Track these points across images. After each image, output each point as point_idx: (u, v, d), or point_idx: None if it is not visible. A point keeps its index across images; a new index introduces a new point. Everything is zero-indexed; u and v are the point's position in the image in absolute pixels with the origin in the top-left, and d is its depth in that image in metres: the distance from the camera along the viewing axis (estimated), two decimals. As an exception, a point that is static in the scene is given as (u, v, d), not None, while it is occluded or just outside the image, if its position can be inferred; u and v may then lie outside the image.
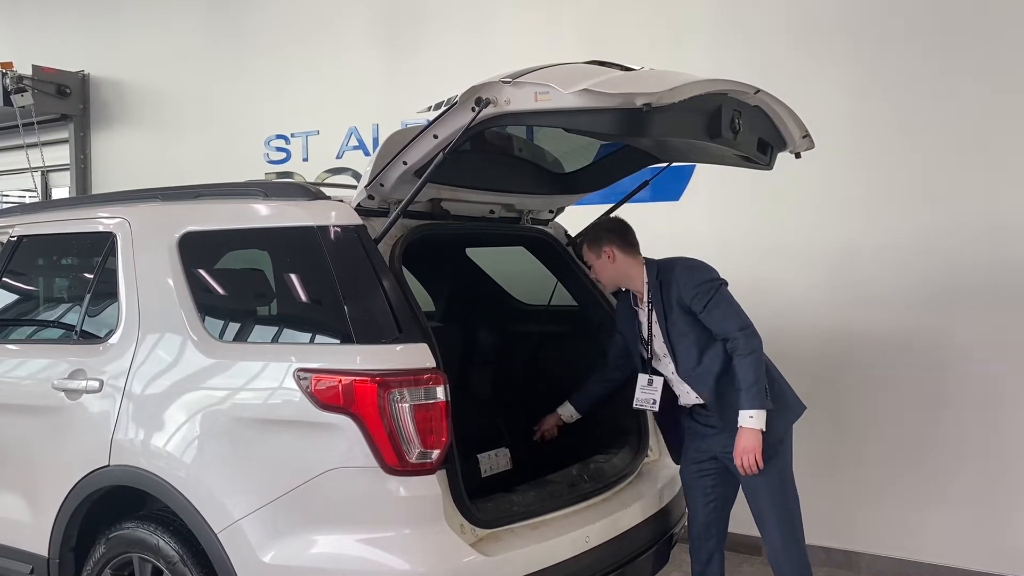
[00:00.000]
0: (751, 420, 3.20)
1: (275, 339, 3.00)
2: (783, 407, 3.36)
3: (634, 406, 3.51)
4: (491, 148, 3.48)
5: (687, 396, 3.44)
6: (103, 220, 3.50)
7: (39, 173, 8.23)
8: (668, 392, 3.50)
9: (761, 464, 3.21)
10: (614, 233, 3.47)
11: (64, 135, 8.17)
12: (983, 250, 4.43)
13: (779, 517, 3.37)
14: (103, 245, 3.44)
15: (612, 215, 3.67)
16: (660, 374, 3.48)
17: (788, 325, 4.78)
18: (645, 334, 3.46)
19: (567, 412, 3.78)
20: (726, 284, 3.37)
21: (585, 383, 3.76)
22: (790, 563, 3.38)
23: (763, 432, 3.20)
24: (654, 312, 3.41)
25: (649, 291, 3.42)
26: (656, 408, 3.49)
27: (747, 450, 3.21)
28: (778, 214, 4.95)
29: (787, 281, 4.91)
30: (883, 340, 4.69)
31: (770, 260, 4.96)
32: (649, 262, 3.46)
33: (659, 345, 3.44)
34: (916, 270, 4.59)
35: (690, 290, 3.31)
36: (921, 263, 4.58)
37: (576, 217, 4.02)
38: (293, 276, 3.05)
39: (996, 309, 4.42)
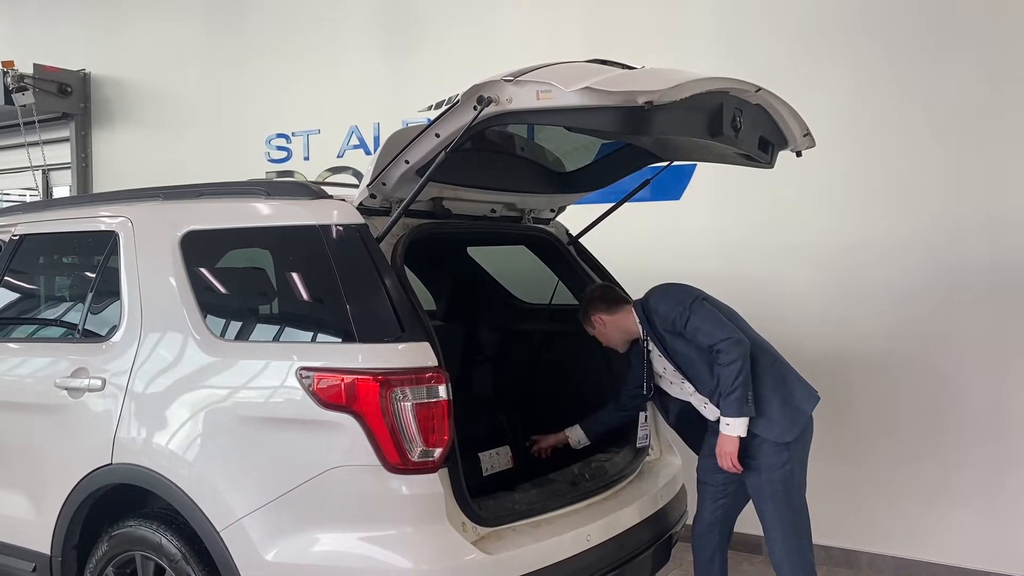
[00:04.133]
0: (727, 428, 3.28)
1: (277, 338, 3.01)
2: (791, 413, 3.36)
3: (637, 445, 3.63)
4: (493, 147, 3.48)
5: (713, 412, 3.44)
6: (105, 219, 3.50)
7: (40, 172, 8.24)
8: (685, 407, 3.58)
9: (738, 466, 3.30)
10: (595, 300, 3.59)
11: (65, 134, 8.17)
12: (986, 248, 4.43)
13: (781, 524, 3.37)
14: (105, 244, 3.45)
15: (595, 284, 3.77)
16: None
17: (790, 323, 4.78)
18: (650, 370, 3.53)
19: (576, 437, 3.76)
20: (702, 299, 3.41)
21: (600, 411, 3.75)
22: (792, 570, 3.39)
23: (741, 437, 3.28)
24: (653, 346, 3.48)
25: (643, 329, 3.49)
26: (649, 444, 3.66)
27: (723, 454, 3.32)
28: (779, 213, 4.95)
29: (788, 279, 4.92)
30: (884, 338, 4.69)
31: (771, 259, 4.96)
32: (636, 304, 3.54)
33: (672, 374, 3.50)
34: (918, 269, 4.59)
35: (669, 317, 3.39)
36: (924, 262, 4.57)
37: (578, 216, 4.02)
38: (295, 275, 3.06)
39: (999, 308, 4.42)
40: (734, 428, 3.27)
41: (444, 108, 2.72)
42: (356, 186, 3.08)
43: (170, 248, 3.18)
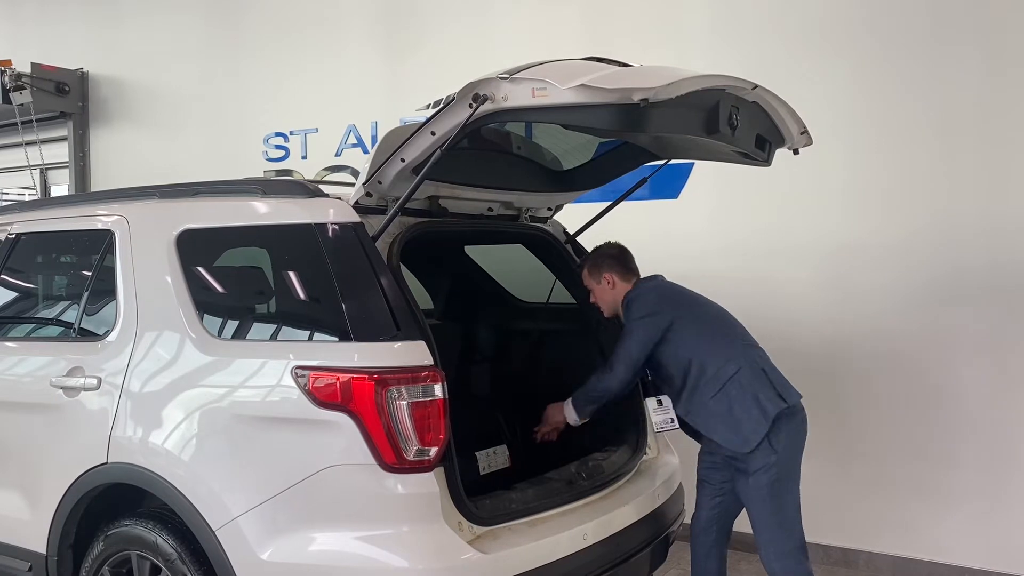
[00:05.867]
0: (569, 410, 3.51)
1: (273, 336, 3.00)
2: (792, 421, 3.34)
3: (656, 431, 3.58)
4: (489, 145, 3.47)
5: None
6: (101, 218, 3.50)
7: (38, 171, 8.23)
8: None
9: (552, 437, 3.58)
10: (614, 260, 3.53)
11: (63, 133, 8.16)
12: (983, 247, 4.43)
13: (770, 527, 3.35)
14: (101, 243, 3.44)
15: (613, 241, 3.69)
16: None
17: (786, 322, 4.78)
18: None
19: (571, 416, 3.76)
20: (648, 320, 3.39)
21: (585, 383, 3.73)
22: (784, 572, 3.37)
23: (570, 424, 3.51)
24: None
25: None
26: (676, 426, 3.53)
27: (550, 422, 3.57)
28: (777, 211, 4.95)
29: (786, 278, 4.91)
30: (881, 337, 4.69)
31: (769, 257, 4.96)
32: (638, 283, 3.54)
33: None
34: (915, 267, 4.59)
35: (625, 315, 3.46)
36: (921, 260, 4.57)
37: (575, 215, 4.02)
38: (291, 273, 3.05)
39: (995, 307, 4.42)
40: (570, 415, 3.49)
41: (441, 106, 2.71)
42: (354, 185, 3.07)
43: (166, 247, 3.17)
